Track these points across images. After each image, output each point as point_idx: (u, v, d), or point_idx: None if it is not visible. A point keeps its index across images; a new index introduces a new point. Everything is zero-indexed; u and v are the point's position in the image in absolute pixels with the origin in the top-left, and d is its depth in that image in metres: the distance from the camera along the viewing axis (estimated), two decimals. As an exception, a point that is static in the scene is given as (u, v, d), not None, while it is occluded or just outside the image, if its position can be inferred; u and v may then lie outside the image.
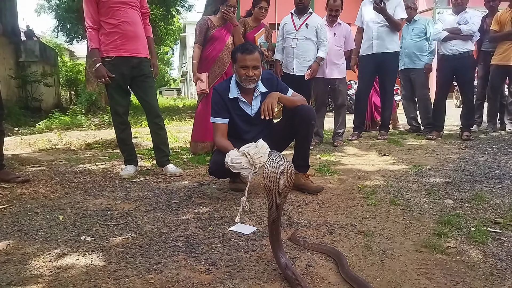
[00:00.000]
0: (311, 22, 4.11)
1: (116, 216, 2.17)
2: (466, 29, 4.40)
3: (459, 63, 4.49)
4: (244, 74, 2.40)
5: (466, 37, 4.46)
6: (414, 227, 1.94)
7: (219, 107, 2.51)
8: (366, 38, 4.69)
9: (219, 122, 2.51)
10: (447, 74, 4.66)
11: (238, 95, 2.49)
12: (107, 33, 2.92)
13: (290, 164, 1.55)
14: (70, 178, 3.10)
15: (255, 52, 2.41)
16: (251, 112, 2.54)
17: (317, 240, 1.80)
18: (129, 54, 2.97)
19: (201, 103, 3.88)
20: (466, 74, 4.59)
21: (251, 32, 4.05)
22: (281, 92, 2.55)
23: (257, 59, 2.41)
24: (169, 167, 3.19)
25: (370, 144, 4.56)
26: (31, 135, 6.09)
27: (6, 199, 2.55)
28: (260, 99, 2.54)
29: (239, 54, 2.41)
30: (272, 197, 1.49)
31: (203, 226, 1.98)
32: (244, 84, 2.45)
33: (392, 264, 1.54)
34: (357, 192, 2.60)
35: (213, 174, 2.62)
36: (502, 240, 1.75)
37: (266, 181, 1.50)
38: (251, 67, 2.38)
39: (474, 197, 2.37)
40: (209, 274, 1.47)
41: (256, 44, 4.03)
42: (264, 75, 2.56)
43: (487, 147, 4.05)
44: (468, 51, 4.48)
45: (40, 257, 1.64)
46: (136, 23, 3.00)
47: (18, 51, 10.11)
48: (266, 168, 1.51)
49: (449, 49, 4.52)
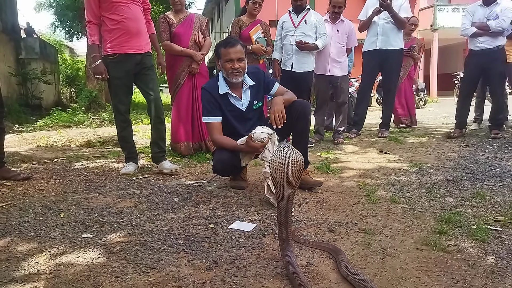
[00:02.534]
0: (309, 19, 4.09)
1: (117, 214, 2.18)
2: (495, 25, 4.10)
3: (487, 58, 4.25)
4: (230, 67, 2.40)
5: (495, 34, 4.18)
6: (414, 225, 1.94)
7: (211, 106, 2.49)
8: (371, 33, 4.66)
9: (212, 121, 2.49)
10: (473, 70, 4.44)
11: (228, 90, 2.49)
12: (109, 29, 2.90)
13: (299, 155, 1.51)
14: (71, 176, 3.10)
15: (237, 45, 2.41)
16: (242, 106, 2.54)
17: (318, 238, 1.81)
18: (132, 50, 2.95)
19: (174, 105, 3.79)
20: (494, 68, 4.29)
21: (246, 29, 4.03)
22: (268, 86, 2.58)
23: (241, 51, 2.41)
24: (165, 164, 3.14)
25: (371, 142, 4.56)
26: (31, 133, 6.10)
27: (7, 196, 2.55)
28: (249, 93, 2.54)
29: (222, 49, 2.42)
30: (278, 188, 1.47)
31: (204, 224, 1.98)
32: (231, 79, 2.44)
33: (393, 262, 1.54)
34: (357, 190, 2.60)
35: (217, 173, 2.62)
36: (503, 238, 1.75)
37: (271, 171, 1.48)
38: (235, 59, 2.38)
39: (474, 195, 2.37)
40: (210, 271, 1.47)
41: (252, 41, 4.03)
42: (250, 69, 2.57)
43: (487, 145, 4.05)
44: (497, 46, 4.22)
45: (41, 255, 1.64)
46: (138, 19, 2.98)
47: (18, 48, 10.09)
48: (272, 159, 1.50)
49: (476, 45, 4.30)
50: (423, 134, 4.97)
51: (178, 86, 3.68)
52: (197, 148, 3.86)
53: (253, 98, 2.56)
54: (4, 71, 8.98)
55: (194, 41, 3.69)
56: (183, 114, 3.72)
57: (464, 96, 4.69)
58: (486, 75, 4.46)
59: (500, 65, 4.36)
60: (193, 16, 3.76)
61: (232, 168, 2.52)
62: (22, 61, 10.13)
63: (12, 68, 9.39)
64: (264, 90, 2.60)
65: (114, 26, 2.88)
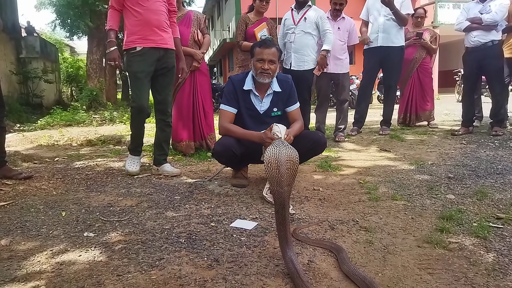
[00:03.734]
0: (309, 16, 4.06)
1: (118, 212, 2.18)
2: (487, 18, 4.14)
3: (483, 55, 4.27)
4: (260, 67, 2.45)
5: (488, 27, 4.21)
6: (416, 222, 1.94)
7: (230, 96, 2.56)
8: (372, 31, 4.65)
9: (227, 110, 2.56)
10: (471, 66, 4.46)
11: (252, 88, 2.54)
12: (132, 22, 2.84)
13: (294, 152, 1.52)
14: (72, 175, 3.11)
15: (272, 47, 2.47)
16: (260, 108, 2.57)
17: (319, 236, 1.81)
18: (155, 44, 2.87)
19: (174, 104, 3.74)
20: (491, 64, 4.30)
21: (252, 26, 4.01)
22: (288, 102, 2.63)
23: (274, 54, 2.46)
24: (166, 167, 3.08)
25: (372, 139, 4.56)
26: (32, 132, 6.11)
27: (8, 195, 2.55)
28: (271, 98, 2.58)
29: (257, 48, 2.48)
30: (274, 185, 1.47)
31: (205, 222, 1.99)
32: (259, 78, 2.49)
33: (394, 260, 1.54)
34: (358, 187, 2.60)
35: (215, 155, 2.60)
36: (504, 235, 1.75)
37: (266, 168, 1.48)
38: (267, 60, 2.44)
39: (476, 192, 2.36)
40: (211, 270, 1.47)
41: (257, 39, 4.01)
42: (281, 76, 2.63)
43: (489, 142, 4.04)
44: (491, 41, 4.23)
45: (43, 253, 1.65)
46: (160, 13, 2.89)
47: (19, 47, 10.10)
48: (267, 156, 1.49)
49: (471, 40, 4.33)
50: (424, 132, 4.97)
51: (179, 85, 3.67)
52: (198, 147, 3.86)
53: (273, 104, 2.59)
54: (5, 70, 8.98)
55: (194, 39, 3.68)
56: (184, 113, 3.71)
57: (465, 94, 4.71)
58: (484, 71, 4.47)
59: (497, 61, 4.34)
60: (191, 14, 3.74)
61: (231, 154, 2.49)
62: (23, 60, 10.14)
63: (13, 67, 9.39)
64: (286, 101, 2.63)
65: (137, 19, 2.81)
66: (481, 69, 4.44)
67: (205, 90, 3.80)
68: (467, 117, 4.66)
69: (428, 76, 5.48)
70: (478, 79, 4.68)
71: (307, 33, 4.05)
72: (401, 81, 5.42)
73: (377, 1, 4.50)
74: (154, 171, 3.12)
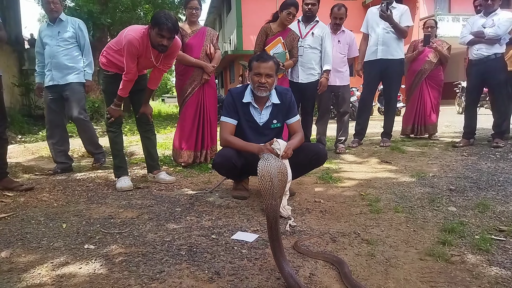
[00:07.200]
0: (317, 32, 4.11)
1: (119, 225, 2.17)
2: (489, 32, 4.19)
3: (485, 67, 4.30)
4: (257, 81, 2.47)
5: (491, 41, 4.24)
6: (418, 235, 1.93)
7: (230, 108, 2.59)
8: (371, 43, 4.69)
9: (228, 121, 2.58)
10: (475, 79, 4.49)
11: (251, 101, 2.56)
12: (119, 56, 2.86)
13: (282, 164, 1.58)
14: (73, 186, 3.11)
15: (269, 61, 2.48)
16: (259, 120, 2.59)
17: (321, 249, 1.80)
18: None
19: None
20: (494, 78, 4.32)
21: (271, 38, 3.97)
22: (288, 114, 2.65)
23: (271, 68, 2.47)
24: (161, 175, 3.23)
25: (372, 151, 4.56)
26: (34, 143, 6.11)
27: (9, 207, 2.55)
28: (270, 110, 2.60)
29: (255, 62, 2.51)
30: (268, 199, 1.49)
31: (206, 234, 1.98)
32: (256, 92, 2.51)
33: (396, 273, 1.53)
34: (360, 199, 2.59)
35: (215, 166, 2.60)
36: (507, 248, 1.74)
37: (260, 181, 1.51)
38: (264, 74, 2.45)
39: (477, 205, 2.36)
40: (212, 283, 1.46)
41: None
42: (280, 89, 2.65)
43: (490, 154, 4.04)
44: (494, 54, 4.26)
45: (43, 266, 1.64)
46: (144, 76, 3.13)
47: (22, 59, 10.17)
48: (260, 169, 1.52)
49: (474, 53, 4.37)
50: (425, 143, 4.97)
51: (188, 96, 3.72)
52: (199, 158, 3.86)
53: (273, 116, 2.61)
54: (8, 82, 9.04)
55: (205, 52, 3.77)
56: (188, 124, 3.74)
57: (468, 106, 4.73)
58: (487, 84, 4.52)
59: (500, 74, 4.36)
60: (205, 29, 3.88)
61: (231, 166, 2.50)
62: (25, 71, 10.19)
63: (15, 79, 9.46)
64: (286, 113, 2.65)
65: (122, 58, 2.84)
66: (485, 81, 4.48)
67: (211, 102, 3.86)
68: (468, 129, 4.66)
69: (436, 89, 5.42)
70: (480, 92, 4.71)
71: (313, 48, 4.10)
72: (406, 92, 5.43)
73: (376, 14, 4.56)
74: (151, 179, 3.26)
